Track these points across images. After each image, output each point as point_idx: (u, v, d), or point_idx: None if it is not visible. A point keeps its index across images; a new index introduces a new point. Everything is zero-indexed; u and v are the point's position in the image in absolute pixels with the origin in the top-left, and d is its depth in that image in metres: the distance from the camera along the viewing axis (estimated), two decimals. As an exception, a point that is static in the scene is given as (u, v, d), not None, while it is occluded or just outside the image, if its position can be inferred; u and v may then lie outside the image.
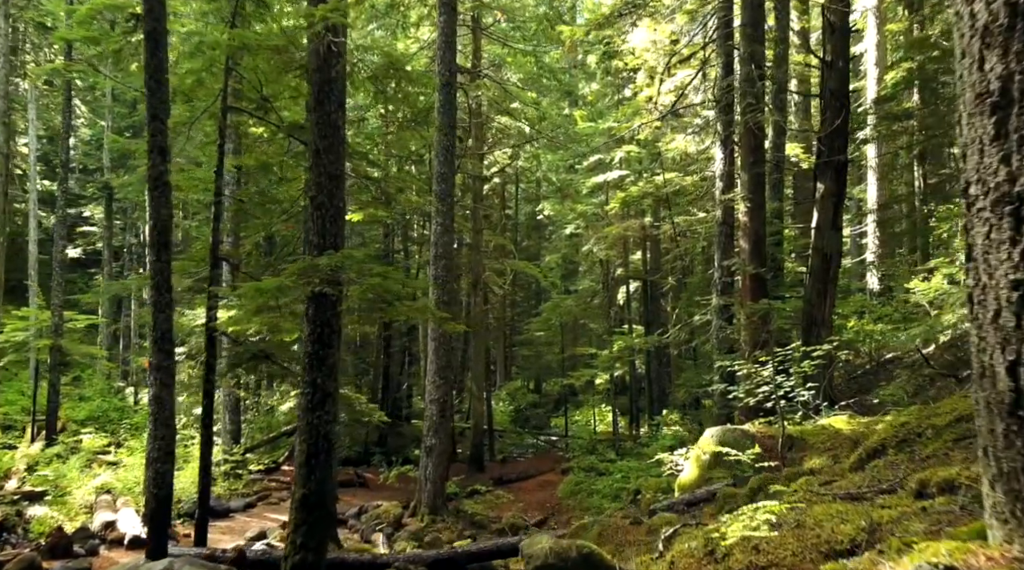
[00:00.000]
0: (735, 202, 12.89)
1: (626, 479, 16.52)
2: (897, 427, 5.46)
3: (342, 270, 6.36)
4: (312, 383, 6.66)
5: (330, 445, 6.67)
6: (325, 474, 6.61)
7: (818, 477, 5.60)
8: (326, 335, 6.71)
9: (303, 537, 6.40)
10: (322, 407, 6.65)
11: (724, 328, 12.33)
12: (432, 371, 14.03)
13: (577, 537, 7.32)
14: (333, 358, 6.76)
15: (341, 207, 6.91)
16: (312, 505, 6.48)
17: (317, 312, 6.67)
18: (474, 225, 21.22)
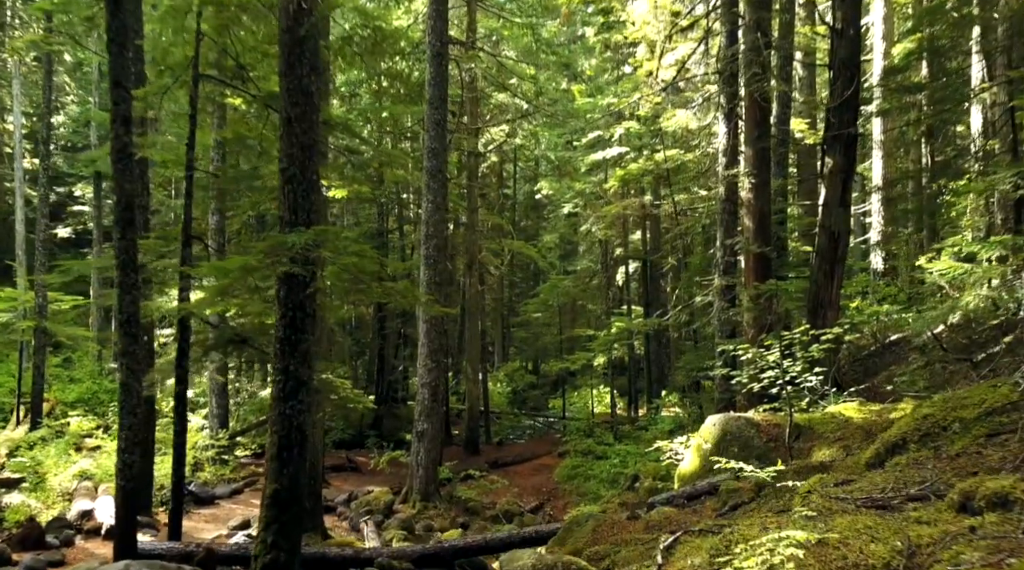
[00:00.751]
0: (739, 178, 12.34)
1: (624, 464, 16.14)
2: (919, 419, 4.97)
3: (315, 248, 5.85)
4: (284, 371, 6.17)
5: (304, 437, 6.20)
6: (298, 468, 6.14)
7: (832, 474, 5.13)
8: (299, 319, 6.21)
9: (275, 536, 5.95)
10: (295, 396, 6.17)
11: (726, 310, 11.83)
12: (424, 354, 13.57)
13: (570, 534, 6.89)
14: (307, 343, 6.26)
15: (315, 180, 6.38)
16: (284, 501, 6.02)
17: (289, 294, 6.17)
18: (469, 204, 20.67)
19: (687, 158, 19.91)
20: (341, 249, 6.01)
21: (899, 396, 9.29)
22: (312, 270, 5.92)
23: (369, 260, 6.09)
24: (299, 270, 5.80)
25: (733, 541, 3.43)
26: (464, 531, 12.57)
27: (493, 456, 19.71)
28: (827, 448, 6.85)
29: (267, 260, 5.77)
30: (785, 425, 7.70)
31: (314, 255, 5.80)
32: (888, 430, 5.64)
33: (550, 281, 27.89)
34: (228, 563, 7.71)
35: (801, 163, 21.50)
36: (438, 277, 13.53)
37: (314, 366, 6.38)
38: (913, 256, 19.98)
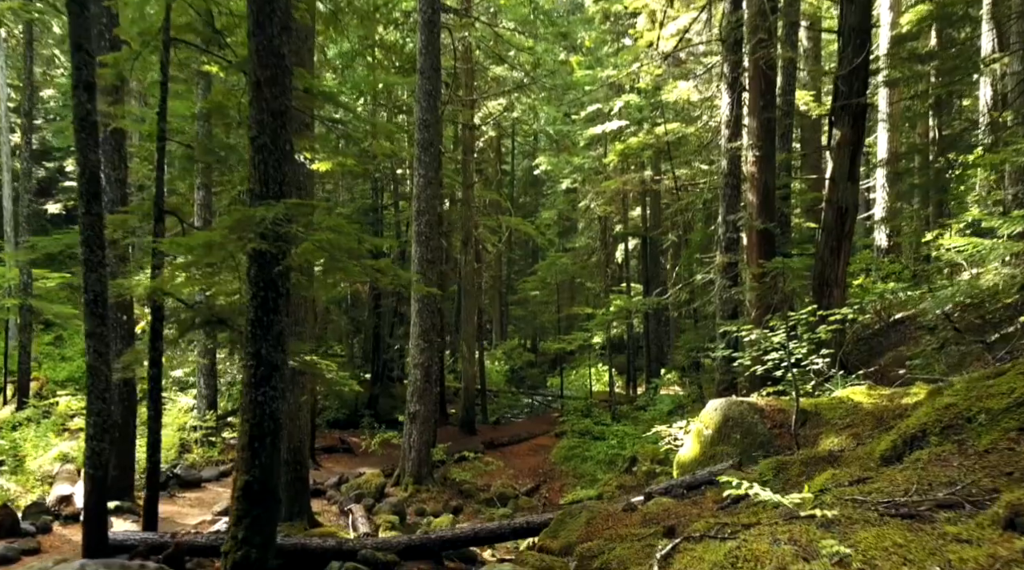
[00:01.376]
0: (742, 151, 11.85)
1: (621, 445, 15.81)
2: (940, 409, 4.57)
3: (285, 223, 5.40)
4: (256, 355, 5.75)
5: (278, 426, 5.80)
6: (272, 459, 5.75)
7: (844, 468, 4.73)
8: (271, 299, 5.77)
9: (246, 531, 5.57)
10: (267, 382, 5.76)
11: (728, 288, 11.41)
12: (416, 334, 13.17)
13: (562, 525, 6.52)
14: (280, 325, 5.83)
15: (288, 150, 5.91)
16: (256, 494, 5.64)
17: (260, 273, 5.73)
18: (464, 179, 20.15)
19: (688, 131, 19.36)
20: (315, 224, 5.56)
21: (908, 379, 8.90)
22: (282, 247, 5.47)
23: (346, 236, 5.65)
24: (267, 247, 5.36)
25: (740, 557, 3.03)
26: (457, 515, 12.27)
27: (489, 436, 19.39)
28: (835, 436, 6.46)
29: (232, 236, 5.33)
30: (790, 410, 7.31)
31: (284, 230, 5.35)
32: (905, 419, 5.23)
33: (548, 259, 27.43)
34: (206, 554, 7.34)
35: (805, 137, 20.97)
36: (430, 255, 13.09)
37: (289, 349, 5.96)
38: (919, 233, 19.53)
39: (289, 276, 5.92)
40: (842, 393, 7.50)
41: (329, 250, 5.60)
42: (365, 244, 5.77)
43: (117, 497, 10.75)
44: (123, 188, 10.80)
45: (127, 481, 10.91)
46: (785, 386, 7.92)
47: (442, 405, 22.04)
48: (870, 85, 17.48)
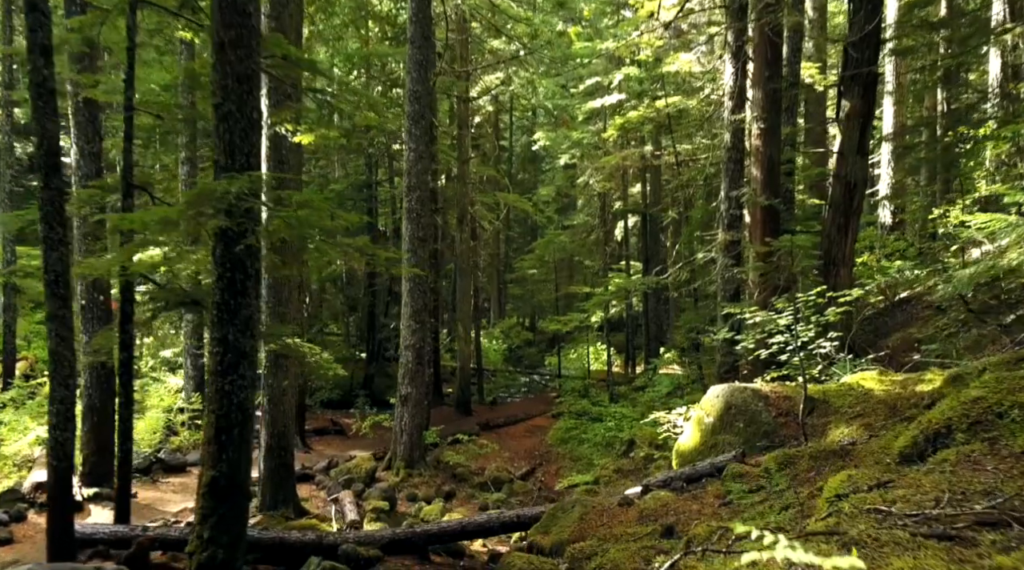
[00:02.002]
0: (746, 124, 11.33)
1: (619, 427, 15.47)
2: (967, 403, 4.14)
3: (250, 198, 4.94)
4: (222, 341, 5.32)
5: (246, 417, 5.38)
6: (240, 452, 5.34)
7: (861, 468, 4.32)
8: (239, 281, 5.33)
9: (212, 530, 5.17)
10: (235, 370, 5.33)
11: (730, 267, 10.95)
12: (407, 314, 12.74)
13: (554, 521, 6.14)
14: (249, 309, 5.39)
15: (256, 119, 5.42)
16: (223, 491, 5.24)
17: (226, 252, 5.27)
18: (460, 154, 19.60)
19: (690, 104, 18.77)
20: (284, 199, 5.09)
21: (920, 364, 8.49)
22: (245, 225, 5.01)
23: (318, 212, 5.19)
24: (228, 224, 4.90)
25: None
26: (449, 501, 11.93)
27: (485, 417, 19.05)
28: (845, 426, 6.05)
29: (190, 212, 4.88)
30: (796, 397, 6.90)
31: (248, 206, 4.89)
32: (925, 412, 4.82)
33: (546, 236, 26.94)
34: (180, 548, 6.98)
35: (809, 110, 20.39)
36: (422, 232, 12.62)
37: (259, 334, 5.53)
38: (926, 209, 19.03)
39: (258, 256, 5.46)
40: (851, 379, 7.09)
41: (298, 228, 5.14)
42: (340, 220, 5.30)
43: (96, 483, 10.42)
44: (97, 162, 10.32)
45: (106, 467, 10.54)
46: (789, 370, 7.51)
47: (437, 385, 21.70)
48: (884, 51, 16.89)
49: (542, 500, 12.40)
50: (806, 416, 6.35)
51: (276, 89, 9.37)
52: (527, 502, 12.21)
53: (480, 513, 7.58)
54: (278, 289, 9.64)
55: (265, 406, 9.80)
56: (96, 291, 10.51)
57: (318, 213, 5.18)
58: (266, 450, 9.77)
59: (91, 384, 10.46)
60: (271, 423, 9.76)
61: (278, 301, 9.65)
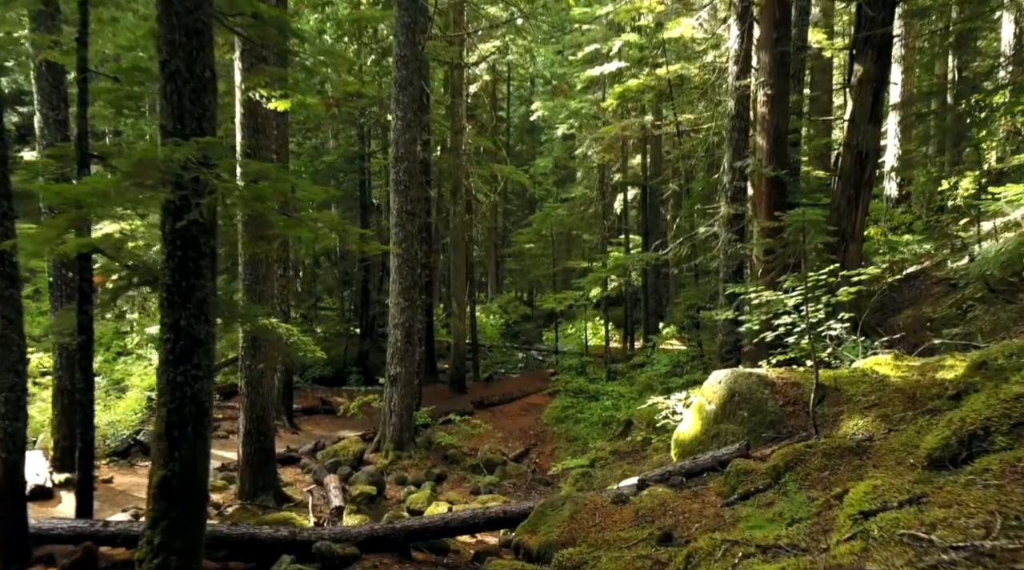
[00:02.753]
0: (751, 90, 10.70)
1: (616, 406, 15.03)
2: (1007, 401, 3.64)
3: (199, 168, 4.39)
4: (174, 326, 4.80)
5: (202, 410, 4.87)
6: (195, 449, 4.85)
7: (884, 473, 3.83)
8: (191, 260, 4.79)
9: (164, 535, 4.70)
10: (188, 359, 4.82)
11: (733, 242, 10.41)
12: (396, 291, 12.22)
13: (543, 519, 5.66)
14: (203, 291, 4.86)
15: (208, 79, 4.83)
16: (177, 492, 4.76)
17: (176, 228, 4.73)
18: (453, 124, 18.93)
19: (691, 72, 18.06)
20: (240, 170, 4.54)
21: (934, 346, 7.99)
22: (189, 198, 4.45)
23: (276, 183, 4.63)
24: (173, 196, 4.34)
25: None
26: (440, 484, 11.52)
27: (480, 395, 18.62)
28: (859, 417, 5.56)
29: (127, 183, 4.33)
30: (805, 384, 6.41)
31: (192, 176, 4.33)
32: (956, 407, 4.31)
33: (544, 210, 26.31)
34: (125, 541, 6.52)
35: (815, 79, 19.68)
36: (410, 205, 12.04)
37: (214, 320, 5.01)
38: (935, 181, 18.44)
39: (213, 232, 4.92)
40: (865, 364, 6.59)
41: (250, 201, 4.60)
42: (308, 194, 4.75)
43: (68, 468, 9.95)
44: (64, 130, 9.70)
45: (81, 452, 10.08)
46: (794, 352, 7.00)
47: (431, 362, 21.26)
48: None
49: (536, 483, 12.02)
50: (816, 405, 5.86)
51: (249, 52, 8.76)
52: (520, 486, 11.81)
53: (464, 509, 7.11)
54: (255, 266, 9.10)
55: (243, 389, 9.32)
56: (65, 268, 9.97)
57: (275, 184, 4.63)
58: (245, 434, 9.31)
59: (60, 365, 9.98)
60: (249, 407, 9.29)
61: (255, 279, 9.12)
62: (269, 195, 4.64)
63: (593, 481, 10.75)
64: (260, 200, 4.62)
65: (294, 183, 4.78)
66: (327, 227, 5.15)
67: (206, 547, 6.43)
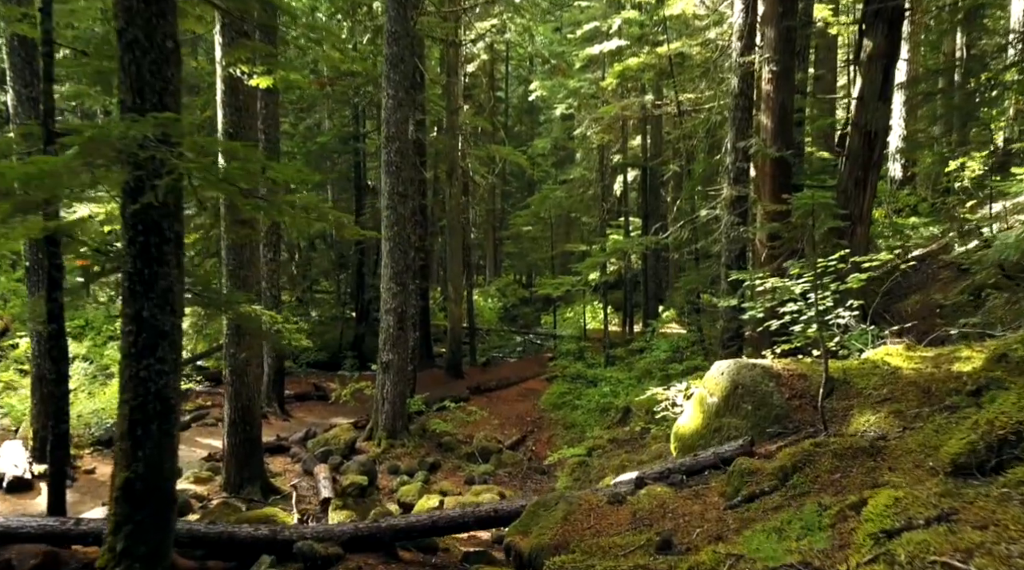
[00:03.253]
0: (756, 67, 10.28)
1: (615, 392, 14.73)
2: (1041, 402, 3.32)
3: (158, 146, 4.02)
4: (136, 317, 4.46)
5: (168, 407, 4.55)
6: (161, 449, 4.52)
7: (905, 482, 3.50)
8: (154, 246, 4.44)
9: (128, 541, 4.39)
10: (152, 353, 4.48)
11: (736, 226, 10.05)
12: (387, 276, 11.88)
13: (535, 520, 5.35)
14: (168, 280, 4.52)
15: (171, 49, 4.45)
16: (140, 495, 4.44)
17: (138, 212, 4.38)
18: (449, 103, 18.47)
19: (693, 51, 17.58)
20: (203, 147, 4.18)
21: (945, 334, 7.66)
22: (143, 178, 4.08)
23: (244, 163, 4.26)
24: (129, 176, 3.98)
25: None
26: (433, 473, 11.25)
27: (476, 380, 18.33)
28: (871, 412, 5.24)
29: (77, 162, 3.96)
30: (812, 376, 6.08)
31: (149, 155, 3.97)
32: (981, 408, 3.99)
33: (542, 192, 25.87)
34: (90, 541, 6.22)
35: (819, 57, 19.20)
36: (402, 187, 11.65)
37: (181, 309, 4.66)
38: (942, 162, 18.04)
39: (179, 216, 4.57)
40: (875, 354, 6.25)
41: (215, 182, 4.23)
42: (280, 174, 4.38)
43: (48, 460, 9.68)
44: (38, 107, 9.29)
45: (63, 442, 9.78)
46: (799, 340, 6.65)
47: (427, 347, 20.98)
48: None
49: (532, 472, 11.74)
50: (825, 399, 5.53)
51: (229, 26, 8.34)
52: (516, 475, 11.54)
53: (454, 507, 6.81)
54: (238, 251, 8.75)
55: (227, 378, 9.01)
56: (41, 252, 9.60)
57: (243, 164, 4.27)
58: (229, 425, 9.01)
59: (39, 352, 9.65)
60: (234, 396, 8.98)
61: (239, 264, 8.77)
62: (237, 176, 4.27)
63: (590, 471, 10.47)
64: (227, 182, 4.25)
65: (265, 163, 4.41)
66: (305, 211, 4.79)
67: (183, 546, 6.17)
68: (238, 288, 8.67)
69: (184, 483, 9.23)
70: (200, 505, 8.47)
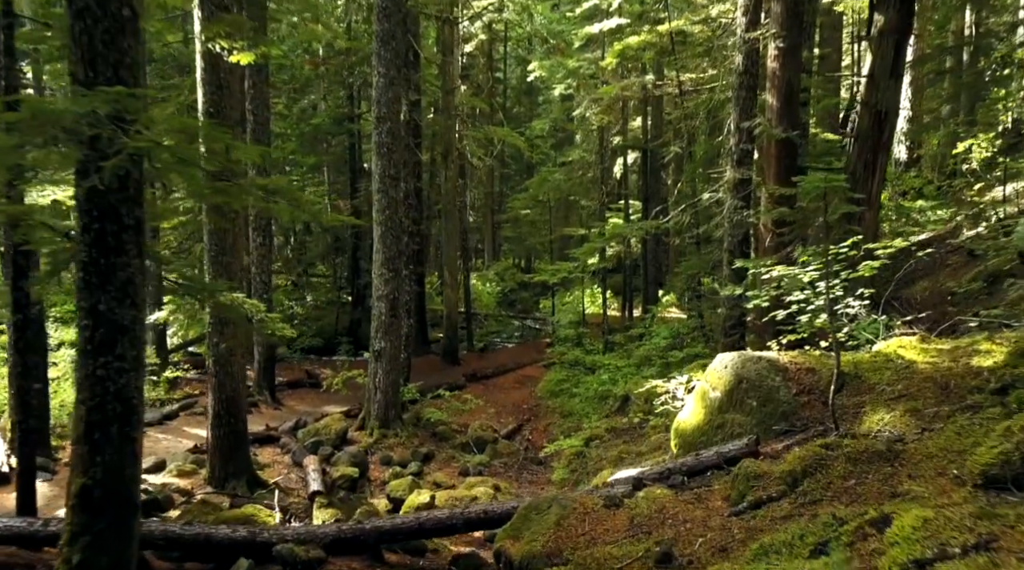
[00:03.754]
0: (761, 43, 9.86)
1: (613, 380, 14.41)
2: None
3: (108, 124, 3.66)
4: (92, 311, 4.11)
5: (129, 408, 4.21)
6: (122, 454, 4.19)
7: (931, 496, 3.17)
8: (111, 233, 4.09)
9: (85, 552, 4.07)
10: (110, 350, 4.14)
11: (740, 210, 9.67)
12: (379, 261, 11.52)
13: (527, 524, 5.04)
14: (128, 271, 4.16)
15: (127, 18, 4.06)
16: (99, 502, 4.11)
17: (93, 197, 4.02)
18: (444, 83, 18.01)
19: (695, 29, 17.09)
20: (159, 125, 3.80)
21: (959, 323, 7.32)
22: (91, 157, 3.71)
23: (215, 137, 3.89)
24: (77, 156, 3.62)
25: None
26: (427, 463, 10.98)
27: (473, 367, 18.04)
28: (884, 410, 4.90)
29: (14, 141, 3.59)
30: (821, 370, 5.75)
31: (94, 133, 3.60)
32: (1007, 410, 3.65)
33: (540, 174, 25.44)
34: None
35: (824, 36, 18.72)
36: (393, 169, 11.26)
37: (143, 303, 4.31)
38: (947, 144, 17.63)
39: (139, 200, 4.20)
40: (888, 347, 5.92)
41: (173, 164, 3.87)
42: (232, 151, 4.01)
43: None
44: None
45: (41, 432, 9.49)
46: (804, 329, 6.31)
47: (423, 333, 20.67)
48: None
49: (527, 463, 11.45)
50: (836, 396, 5.19)
51: (208, 0, 7.92)
52: (511, 465, 11.26)
53: (442, 508, 6.49)
54: (221, 236, 8.38)
55: (211, 368, 8.68)
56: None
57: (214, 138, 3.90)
58: (214, 417, 8.69)
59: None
60: (218, 387, 8.65)
61: (221, 250, 8.40)
62: (196, 157, 3.91)
63: (587, 462, 10.18)
64: (188, 163, 3.89)
65: (229, 143, 4.04)
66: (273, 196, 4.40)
67: (158, 548, 5.87)
68: (220, 275, 8.33)
69: (167, 477, 8.94)
70: (183, 500, 8.17)
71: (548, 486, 10.18)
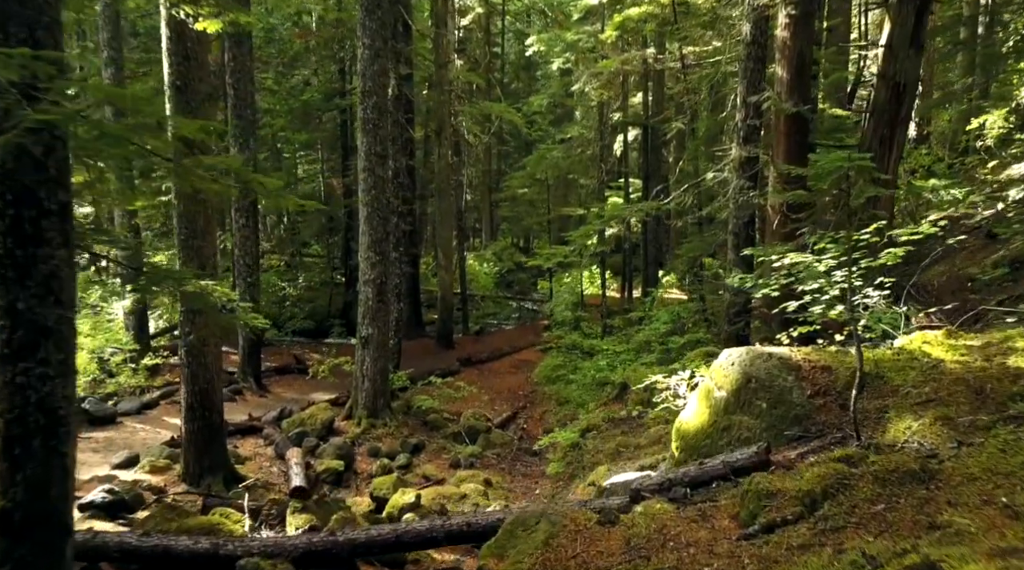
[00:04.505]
0: (770, 11, 9.22)
1: (611, 366, 13.92)
2: None
3: (17, 94, 3.10)
4: (9, 310, 3.58)
5: (54, 419, 3.69)
6: (47, 470, 3.68)
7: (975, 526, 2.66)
8: (28, 221, 3.55)
9: (5, 584, 3.58)
10: (32, 354, 3.62)
11: (746, 190, 9.10)
12: (365, 244, 10.99)
13: (512, 542, 4.54)
14: (51, 263, 3.63)
15: (43, -30, 3.49)
16: (20, 526, 3.61)
17: (5, 178, 3.47)
18: (437, 57, 17.32)
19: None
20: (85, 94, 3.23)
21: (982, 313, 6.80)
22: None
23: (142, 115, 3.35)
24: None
25: None
26: (416, 455, 10.51)
27: (468, 351, 17.55)
28: (911, 417, 4.39)
29: None
30: (838, 369, 5.22)
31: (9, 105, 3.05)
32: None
33: (538, 152, 24.74)
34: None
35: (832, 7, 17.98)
36: (380, 146, 10.68)
37: (71, 301, 3.78)
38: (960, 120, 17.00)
39: (63, 182, 3.65)
40: (911, 343, 5.38)
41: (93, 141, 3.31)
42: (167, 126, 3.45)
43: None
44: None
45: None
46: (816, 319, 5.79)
47: (417, 316, 20.17)
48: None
49: (521, 454, 10.99)
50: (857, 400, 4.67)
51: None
52: (505, 457, 10.80)
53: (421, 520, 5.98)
54: (191, 218, 7.83)
55: (183, 359, 8.17)
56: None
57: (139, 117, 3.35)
58: (187, 410, 8.20)
59: None
60: (191, 379, 8.15)
61: (191, 233, 7.85)
62: (126, 134, 3.35)
63: (583, 454, 9.72)
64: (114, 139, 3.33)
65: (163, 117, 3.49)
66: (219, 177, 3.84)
67: (113, 561, 5.40)
68: (191, 260, 7.79)
69: (139, 473, 8.46)
70: (154, 498, 7.71)
71: (542, 480, 9.73)
